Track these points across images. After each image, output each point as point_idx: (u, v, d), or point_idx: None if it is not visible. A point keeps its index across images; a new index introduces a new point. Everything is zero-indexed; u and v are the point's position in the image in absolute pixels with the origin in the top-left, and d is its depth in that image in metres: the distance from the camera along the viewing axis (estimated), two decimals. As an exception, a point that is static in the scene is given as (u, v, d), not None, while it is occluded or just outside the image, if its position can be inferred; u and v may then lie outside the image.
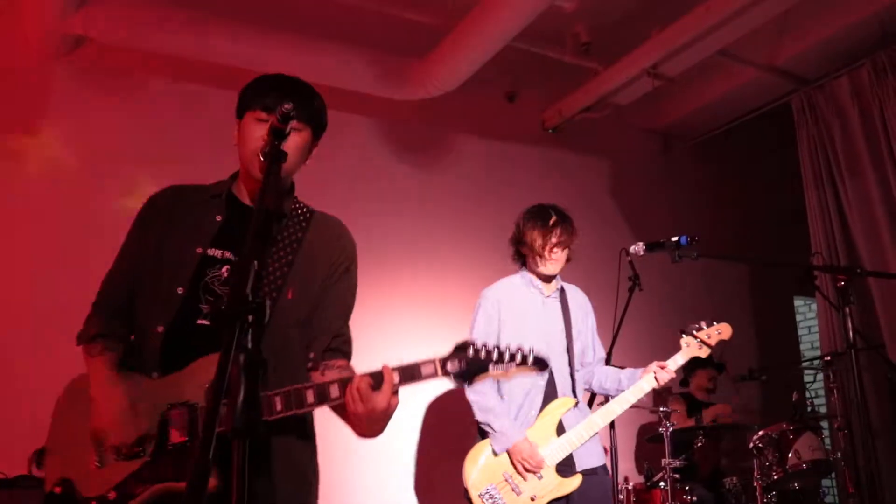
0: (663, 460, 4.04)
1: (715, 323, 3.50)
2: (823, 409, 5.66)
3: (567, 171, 5.76)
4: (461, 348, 1.85)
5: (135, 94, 4.42)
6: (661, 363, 3.39)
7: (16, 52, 4.16)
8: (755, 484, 4.31)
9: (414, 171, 5.25)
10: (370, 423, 1.86)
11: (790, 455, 4.29)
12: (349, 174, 4.86)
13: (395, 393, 1.84)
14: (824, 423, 5.14)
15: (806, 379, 5.29)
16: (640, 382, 3.38)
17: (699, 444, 4.42)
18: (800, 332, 7.26)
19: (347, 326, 2.15)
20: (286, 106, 1.64)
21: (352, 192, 4.78)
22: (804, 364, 5.82)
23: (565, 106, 5.68)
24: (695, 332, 3.46)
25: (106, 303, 2.08)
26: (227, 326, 1.31)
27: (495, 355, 1.86)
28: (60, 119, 4.23)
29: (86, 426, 1.88)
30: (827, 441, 4.90)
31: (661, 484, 4.14)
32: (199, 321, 1.94)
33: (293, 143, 1.90)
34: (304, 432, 2.04)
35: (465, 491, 3.27)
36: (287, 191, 2.13)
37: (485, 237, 5.27)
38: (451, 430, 4.82)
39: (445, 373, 1.84)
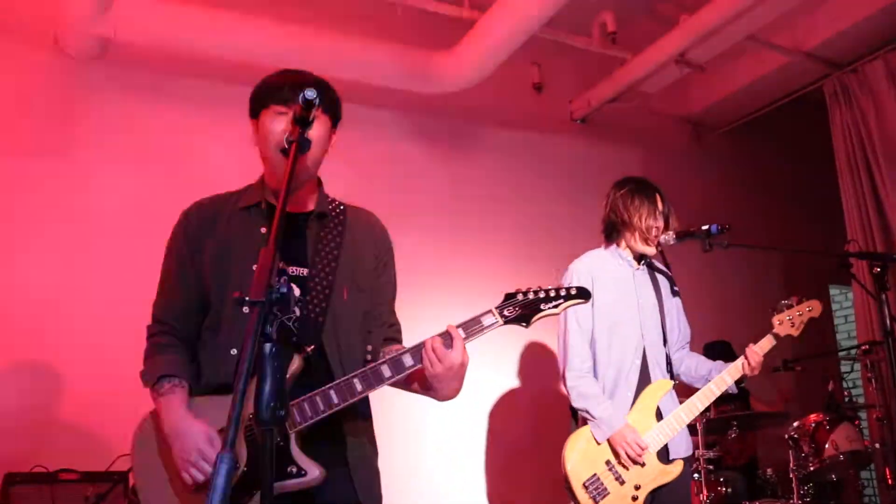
0: (696, 451, 3.99)
1: (805, 300, 3.40)
2: (861, 400, 5.56)
3: (596, 162, 5.71)
4: (511, 295, 2.01)
5: (163, 95, 4.46)
6: (753, 346, 3.30)
7: (45, 56, 4.21)
8: (791, 475, 4.24)
9: (442, 165, 5.24)
10: (449, 382, 1.95)
11: (827, 446, 4.21)
12: (376, 170, 4.86)
13: (465, 348, 1.93)
14: (862, 414, 5.04)
15: (843, 369, 5.19)
16: (723, 374, 3.28)
17: (733, 435, 4.36)
18: (836, 321, 7.14)
19: (395, 315, 2.23)
20: (308, 92, 1.65)
21: (380, 188, 4.78)
22: (841, 353, 5.72)
23: (593, 96, 5.63)
24: (786, 310, 3.37)
25: (165, 331, 2.08)
26: (254, 317, 1.32)
27: (542, 294, 2.01)
28: (92, 122, 4.28)
29: (163, 460, 1.92)
30: (865, 432, 4.81)
31: (695, 475, 4.09)
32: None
33: (316, 131, 1.91)
34: (368, 418, 2.11)
35: (566, 480, 3.15)
36: (319, 189, 2.15)
37: (515, 230, 5.27)
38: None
39: (505, 318, 1.97)
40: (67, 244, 4.03)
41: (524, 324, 1.99)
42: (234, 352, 1.95)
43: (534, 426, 4.91)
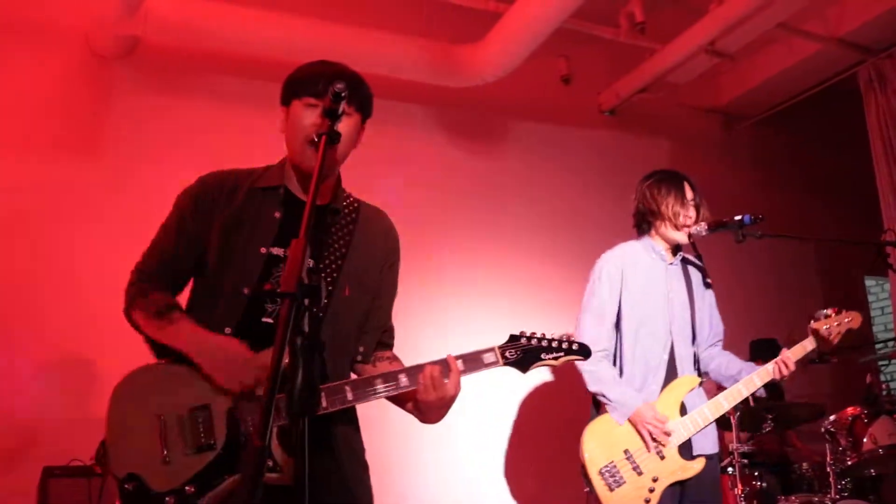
0: (731, 445, 3.94)
1: (844, 310, 3.32)
2: (900, 392, 5.46)
3: (625, 154, 5.67)
4: (515, 337, 2.01)
5: (192, 92, 4.50)
6: (786, 352, 3.23)
7: (77, 57, 4.27)
8: (828, 470, 4.17)
9: (468, 159, 5.23)
10: (437, 410, 1.95)
11: (865, 440, 4.13)
12: (403, 164, 4.86)
13: (459, 381, 1.93)
14: (901, 407, 4.94)
15: (880, 361, 5.10)
16: (753, 375, 3.22)
17: (768, 429, 4.30)
18: (872, 312, 7.01)
19: (391, 319, 2.22)
20: (339, 86, 1.64)
21: (406, 182, 4.79)
22: (877, 346, 5.62)
23: (621, 87, 5.59)
24: (824, 320, 3.28)
25: (157, 277, 2.06)
26: (285, 310, 1.32)
27: (545, 343, 2.02)
28: (122, 120, 4.33)
29: (146, 419, 1.87)
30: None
31: (729, 469, 4.05)
32: (265, 319, 1.97)
33: (345, 126, 1.89)
34: (355, 422, 2.11)
35: (582, 466, 3.12)
36: (337, 183, 2.14)
37: (542, 223, 5.24)
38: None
39: (505, 360, 1.98)
40: (99, 242, 4.08)
41: (522, 369, 2.00)
42: (227, 330, 1.94)
43: (558, 418, 4.88)
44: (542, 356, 2.01)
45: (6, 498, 3.60)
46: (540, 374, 5.03)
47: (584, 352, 2.05)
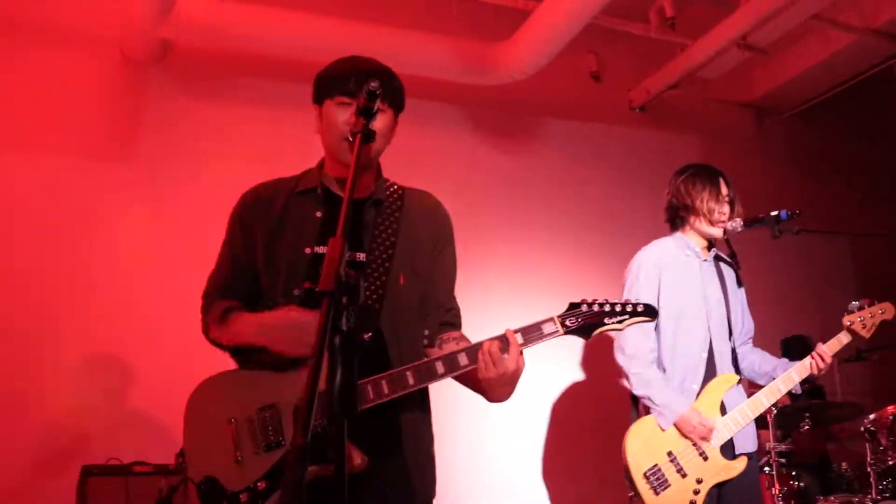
0: (767, 444, 3.89)
1: (877, 301, 3.29)
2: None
3: (656, 151, 5.61)
4: (575, 305, 1.96)
5: (225, 95, 4.54)
6: (822, 346, 3.20)
7: (109, 61, 4.33)
8: (868, 469, 4.09)
9: (499, 156, 5.22)
10: (501, 387, 1.93)
11: (907, 439, 4.05)
12: (433, 163, 4.86)
13: (521, 354, 1.90)
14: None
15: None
16: (790, 371, 3.20)
17: (805, 428, 4.23)
18: (911, 309, 6.86)
19: (454, 299, 2.19)
20: (373, 84, 1.63)
21: (435, 182, 4.76)
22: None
23: (652, 84, 5.54)
24: (857, 312, 3.26)
25: (222, 295, 2.11)
26: (324, 308, 1.32)
27: (607, 308, 1.96)
28: (155, 123, 4.39)
29: (219, 423, 1.93)
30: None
31: (766, 469, 3.99)
32: None
33: (379, 123, 1.89)
34: (426, 409, 2.10)
35: (626, 470, 3.11)
36: (377, 174, 2.14)
37: (574, 221, 5.22)
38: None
39: (566, 328, 1.93)
40: (137, 244, 4.15)
41: (585, 336, 1.96)
42: None
43: (595, 420, 4.86)
44: (606, 321, 1.95)
45: (48, 496, 3.67)
46: (573, 373, 5.01)
47: (650, 312, 1.98)
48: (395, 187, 2.17)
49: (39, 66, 4.18)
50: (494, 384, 1.90)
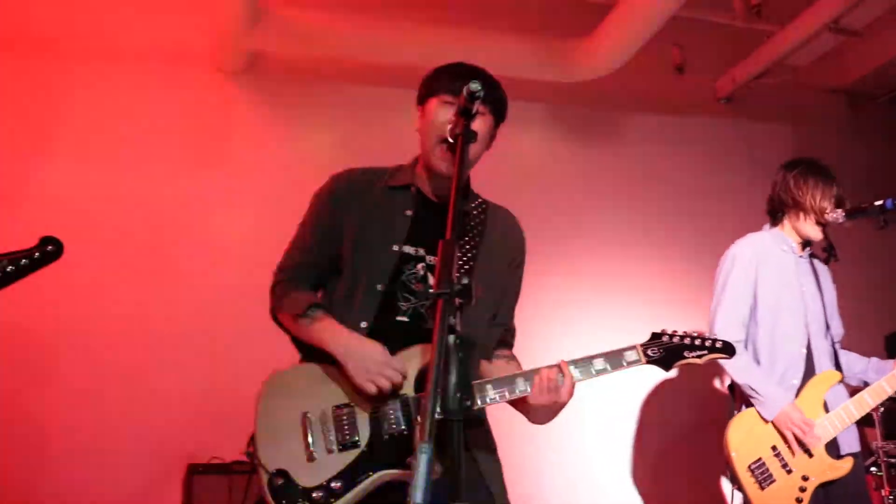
0: (874, 443, 3.73)
1: None
2: None
3: (745, 142, 5.48)
4: (657, 336, 2.02)
5: (313, 102, 4.65)
6: None
7: (201, 73, 4.49)
8: None
9: (584, 153, 5.18)
10: (548, 414, 1.98)
11: None
12: (518, 162, 4.85)
13: (573, 386, 1.95)
14: None
15: None
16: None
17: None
18: None
19: (513, 319, 2.23)
20: (474, 85, 1.66)
21: (521, 181, 4.78)
22: None
23: (738, 73, 5.38)
24: None
25: (299, 275, 2.13)
26: (439, 309, 1.34)
27: (688, 341, 2.01)
28: (246, 131, 4.53)
29: (292, 416, 1.94)
30: None
31: (873, 469, 3.83)
32: (399, 318, 2.01)
33: (478, 126, 1.90)
34: (485, 419, 2.13)
35: (728, 463, 3.05)
36: (466, 185, 2.17)
37: (660, 218, 5.12)
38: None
39: (648, 358, 1.99)
40: (234, 246, 4.30)
41: (665, 367, 2.01)
42: (363, 325, 1.98)
43: (685, 417, 4.77)
44: (686, 354, 2.00)
45: (155, 492, 3.83)
46: (661, 373, 4.91)
47: (728, 350, 2.03)
48: (480, 200, 2.19)
49: (137, 82, 4.37)
50: (540, 411, 1.96)
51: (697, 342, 2.01)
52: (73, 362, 3.95)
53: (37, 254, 2.24)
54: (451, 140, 1.81)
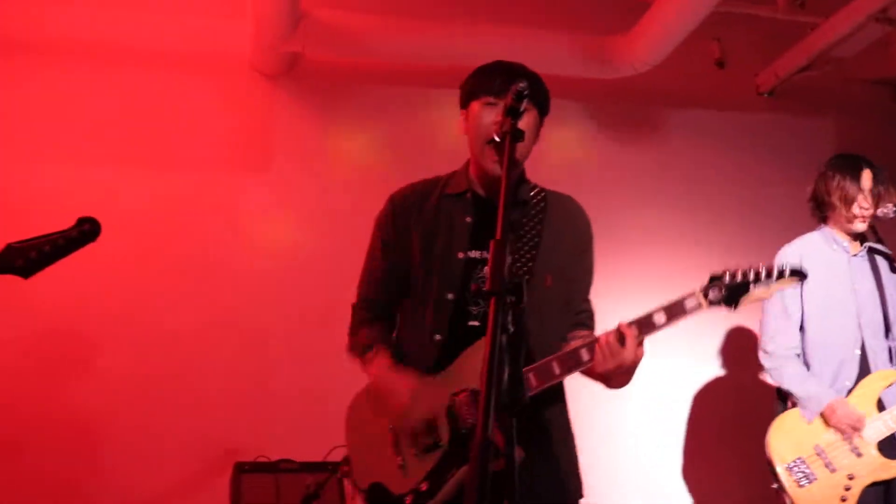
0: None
1: None
2: None
3: (788, 136, 5.39)
4: (716, 277, 1.90)
5: (352, 102, 4.68)
6: None
7: (240, 76, 4.54)
8: None
9: (624, 150, 5.13)
10: (618, 377, 1.94)
11: None
12: (558, 160, 4.83)
13: (640, 344, 1.90)
14: None
15: None
16: None
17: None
18: None
19: (588, 301, 2.21)
20: (521, 84, 1.67)
21: (561, 179, 4.74)
22: None
23: (780, 67, 5.30)
24: None
25: (369, 307, 2.21)
26: (492, 308, 1.35)
27: (752, 274, 1.87)
28: (286, 134, 4.58)
29: (379, 435, 2.04)
30: None
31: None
32: (470, 323, 2.04)
33: (525, 123, 1.90)
34: (564, 402, 2.14)
35: (769, 462, 3.05)
36: (521, 175, 2.17)
37: (704, 216, 5.07)
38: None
39: (710, 302, 1.88)
40: (275, 248, 4.35)
41: (731, 306, 1.87)
42: (437, 337, 2.02)
43: (736, 414, 4.71)
44: (752, 288, 1.87)
45: (203, 491, 3.89)
46: (713, 368, 4.87)
47: (798, 274, 1.88)
48: (538, 189, 2.20)
49: (177, 85, 4.44)
50: (612, 375, 1.92)
51: (763, 273, 1.87)
52: (118, 360, 4.02)
53: (74, 233, 2.24)
54: (498, 140, 1.82)
